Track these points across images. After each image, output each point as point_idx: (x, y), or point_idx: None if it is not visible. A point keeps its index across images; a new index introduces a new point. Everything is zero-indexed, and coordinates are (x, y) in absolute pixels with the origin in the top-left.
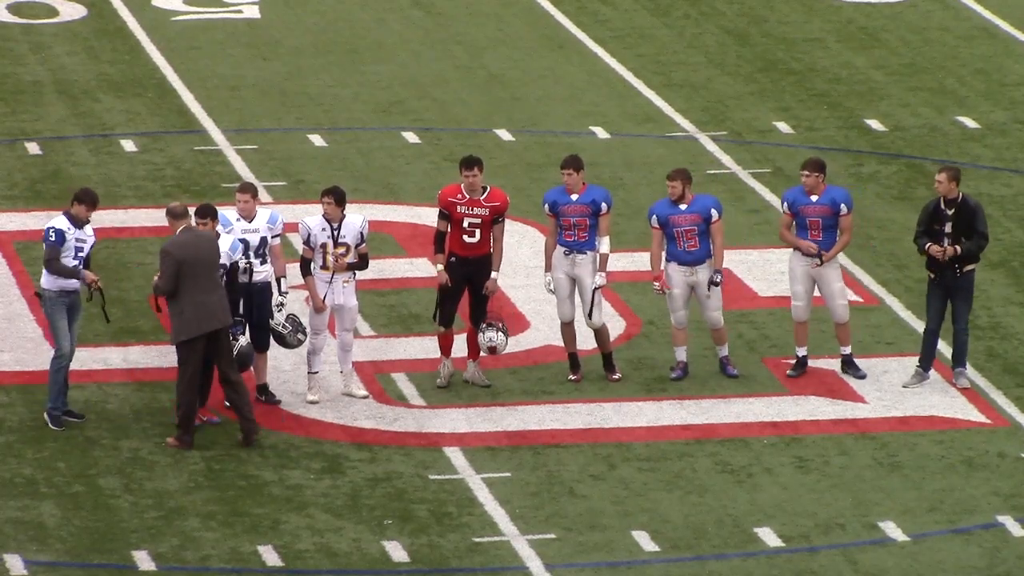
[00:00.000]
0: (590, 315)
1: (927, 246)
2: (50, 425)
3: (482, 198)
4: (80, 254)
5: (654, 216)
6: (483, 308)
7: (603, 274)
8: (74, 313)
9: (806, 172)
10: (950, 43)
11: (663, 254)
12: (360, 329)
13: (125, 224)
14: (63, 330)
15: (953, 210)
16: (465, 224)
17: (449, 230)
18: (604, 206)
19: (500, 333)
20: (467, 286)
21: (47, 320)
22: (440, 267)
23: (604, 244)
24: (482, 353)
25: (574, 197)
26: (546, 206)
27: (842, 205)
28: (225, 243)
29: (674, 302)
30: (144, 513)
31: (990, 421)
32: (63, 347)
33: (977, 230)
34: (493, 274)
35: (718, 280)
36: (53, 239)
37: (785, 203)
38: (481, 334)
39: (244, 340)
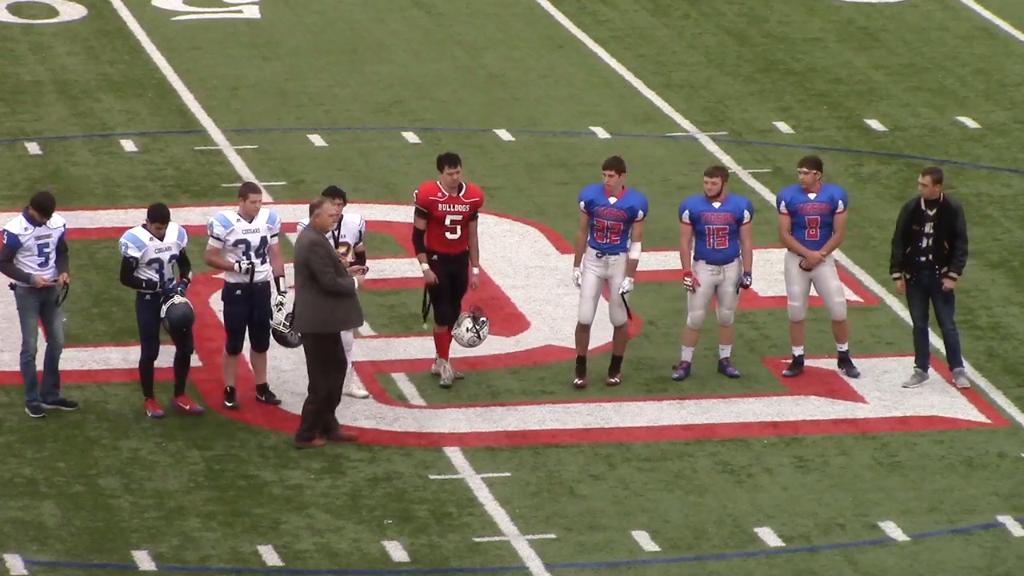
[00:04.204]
0: (628, 316)
1: (894, 277)
2: (31, 415)
3: (461, 194)
4: (46, 250)
5: (686, 212)
6: (459, 302)
7: (631, 279)
8: (49, 308)
9: (804, 169)
10: (950, 43)
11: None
12: (360, 329)
13: (125, 224)
14: (31, 326)
15: (935, 210)
16: (447, 222)
17: (427, 228)
18: (640, 213)
19: (483, 324)
20: (451, 283)
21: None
22: (426, 266)
23: (635, 249)
24: (462, 345)
25: (612, 200)
26: (582, 203)
27: (839, 202)
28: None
29: (695, 300)
30: (144, 513)
31: (990, 421)
32: (29, 343)
33: (958, 232)
34: (475, 269)
35: (748, 282)
36: (5, 242)
37: (782, 203)
38: (469, 320)
39: (179, 299)
